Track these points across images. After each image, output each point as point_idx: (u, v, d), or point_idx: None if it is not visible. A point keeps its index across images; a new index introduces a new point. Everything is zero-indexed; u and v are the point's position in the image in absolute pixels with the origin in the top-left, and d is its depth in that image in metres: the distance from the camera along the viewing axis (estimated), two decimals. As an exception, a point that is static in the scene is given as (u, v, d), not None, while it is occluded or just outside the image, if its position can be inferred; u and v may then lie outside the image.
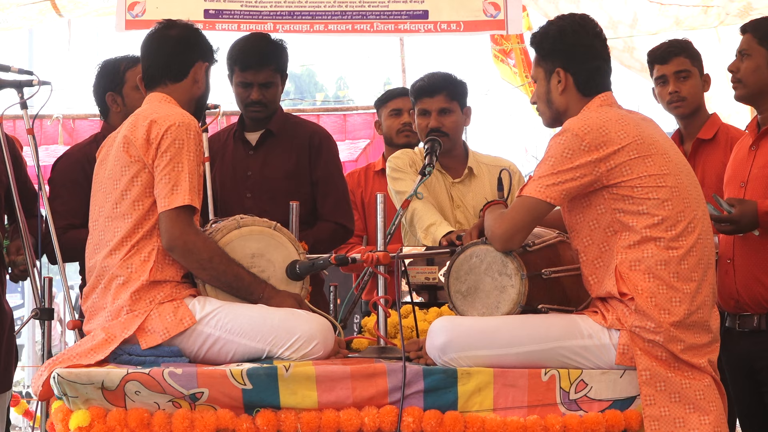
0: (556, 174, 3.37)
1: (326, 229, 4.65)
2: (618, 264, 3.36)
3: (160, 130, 3.56)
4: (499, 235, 3.42)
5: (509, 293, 3.45)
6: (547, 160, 3.42)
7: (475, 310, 3.51)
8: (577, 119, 3.46)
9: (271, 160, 4.70)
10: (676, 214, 3.38)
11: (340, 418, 3.31)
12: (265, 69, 4.63)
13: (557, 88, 3.57)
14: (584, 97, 3.56)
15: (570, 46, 3.56)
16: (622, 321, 3.35)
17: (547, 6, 7.45)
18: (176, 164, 3.54)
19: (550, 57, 3.58)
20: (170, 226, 3.51)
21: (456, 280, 3.55)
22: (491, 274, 3.49)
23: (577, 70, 3.55)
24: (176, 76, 3.77)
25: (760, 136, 4.14)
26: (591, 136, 3.38)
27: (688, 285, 3.35)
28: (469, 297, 3.53)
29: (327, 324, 3.61)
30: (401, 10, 6.68)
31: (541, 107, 3.65)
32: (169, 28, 3.84)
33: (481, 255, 3.51)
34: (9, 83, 4.18)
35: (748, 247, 4.03)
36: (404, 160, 4.82)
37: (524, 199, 3.41)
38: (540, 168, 3.43)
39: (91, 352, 3.44)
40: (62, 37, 8.09)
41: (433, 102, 4.74)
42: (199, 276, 3.59)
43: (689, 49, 4.71)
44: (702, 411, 3.32)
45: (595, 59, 3.59)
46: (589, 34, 3.60)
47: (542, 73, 3.61)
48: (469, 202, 4.79)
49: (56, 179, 4.60)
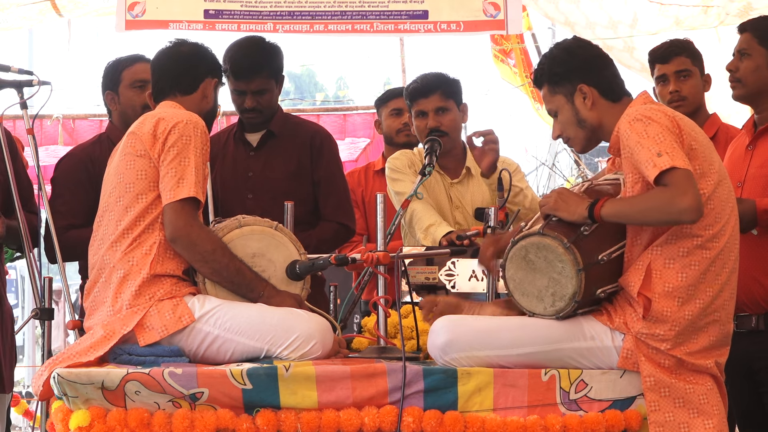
0: (675, 148, 3.25)
1: (329, 229, 4.65)
2: (652, 260, 3.33)
3: (167, 126, 3.59)
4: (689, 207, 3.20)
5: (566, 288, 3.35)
6: (648, 141, 3.26)
7: (535, 285, 3.39)
8: (637, 109, 3.37)
9: (273, 161, 4.70)
10: (715, 214, 3.36)
11: (340, 418, 3.31)
12: (257, 78, 4.62)
13: (585, 105, 3.51)
14: (614, 104, 3.51)
15: (584, 60, 3.54)
16: (629, 326, 3.34)
17: (547, 6, 7.45)
18: (183, 158, 3.56)
19: (567, 78, 3.52)
20: (174, 218, 3.53)
21: (523, 259, 3.41)
22: (549, 273, 3.37)
23: (599, 80, 3.52)
24: (186, 90, 3.83)
25: (757, 136, 4.14)
26: (666, 117, 3.33)
27: (712, 288, 3.34)
28: (531, 273, 3.40)
29: (326, 324, 3.61)
30: (401, 10, 6.67)
31: (572, 132, 3.56)
32: (180, 45, 3.90)
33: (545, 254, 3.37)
34: (9, 83, 4.18)
35: (746, 247, 4.02)
36: (403, 161, 4.82)
37: (679, 171, 3.21)
38: (648, 150, 3.26)
39: (91, 350, 3.45)
40: (62, 37, 8.09)
41: (429, 102, 4.73)
42: (201, 270, 3.60)
43: (690, 49, 4.71)
44: (706, 415, 3.32)
45: (608, 66, 3.58)
46: (592, 46, 3.61)
47: (562, 99, 3.54)
48: (468, 202, 4.79)
49: (59, 179, 4.61)
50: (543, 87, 3.59)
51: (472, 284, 4.19)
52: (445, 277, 4.18)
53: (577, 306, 3.35)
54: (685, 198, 3.20)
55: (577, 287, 3.32)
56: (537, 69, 3.62)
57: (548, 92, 3.58)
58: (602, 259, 3.36)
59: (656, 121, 3.32)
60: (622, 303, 3.39)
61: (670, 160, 3.22)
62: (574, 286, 3.33)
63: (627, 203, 3.34)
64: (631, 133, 3.33)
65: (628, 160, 3.37)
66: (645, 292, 3.33)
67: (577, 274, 3.31)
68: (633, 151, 3.32)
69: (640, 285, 3.33)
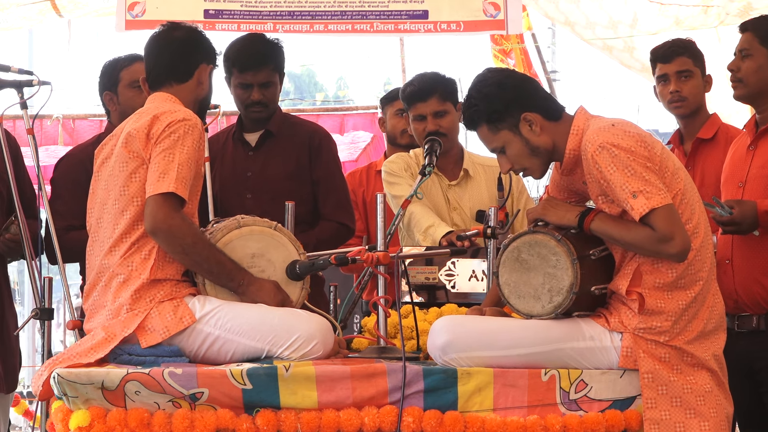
0: (648, 180, 3.28)
1: (329, 229, 4.65)
2: (640, 264, 3.36)
3: (161, 125, 3.57)
4: (678, 252, 3.28)
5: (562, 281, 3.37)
6: (620, 178, 3.28)
7: (530, 285, 3.42)
8: (600, 134, 3.34)
9: (271, 161, 4.70)
10: (689, 209, 3.39)
11: (340, 418, 3.31)
12: (264, 69, 4.64)
13: (533, 132, 3.45)
14: (559, 123, 3.47)
15: (517, 89, 3.47)
16: (625, 324, 3.36)
17: (547, 6, 7.45)
18: (168, 154, 3.53)
19: (507, 113, 3.44)
20: (155, 210, 3.49)
21: (516, 260, 3.44)
22: (544, 268, 3.40)
23: (537, 104, 3.46)
24: (181, 77, 3.79)
25: (758, 136, 4.14)
26: (633, 139, 3.32)
27: (700, 273, 3.37)
28: (524, 273, 3.43)
29: (326, 324, 3.61)
30: (401, 10, 6.67)
31: (527, 163, 3.49)
32: (173, 30, 3.85)
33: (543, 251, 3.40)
34: (9, 83, 4.18)
35: (747, 247, 4.03)
36: (399, 165, 4.81)
37: (659, 211, 3.26)
38: (621, 189, 3.28)
39: (91, 351, 3.45)
40: (62, 37, 8.10)
41: (427, 106, 4.73)
42: (182, 261, 3.57)
43: (692, 50, 4.70)
44: (702, 417, 3.33)
45: (537, 86, 3.56)
46: (513, 73, 3.57)
47: (508, 134, 3.46)
48: (466, 204, 4.78)
49: (58, 180, 4.60)
50: (481, 128, 3.50)
51: (472, 284, 4.20)
52: (445, 277, 4.18)
53: (576, 298, 3.35)
54: (673, 244, 3.28)
55: (573, 278, 3.34)
56: (469, 112, 3.49)
57: (489, 132, 3.48)
58: (593, 254, 3.39)
59: (623, 148, 3.30)
60: (617, 304, 3.42)
61: (646, 202, 3.26)
62: (571, 277, 3.35)
63: (616, 229, 3.36)
64: (600, 164, 3.31)
65: (597, 186, 3.38)
66: (635, 289, 3.35)
67: (573, 264, 3.34)
68: (605, 185, 3.33)
69: (629, 284, 3.36)
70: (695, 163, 4.58)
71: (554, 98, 3.57)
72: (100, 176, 3.73)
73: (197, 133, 3.60)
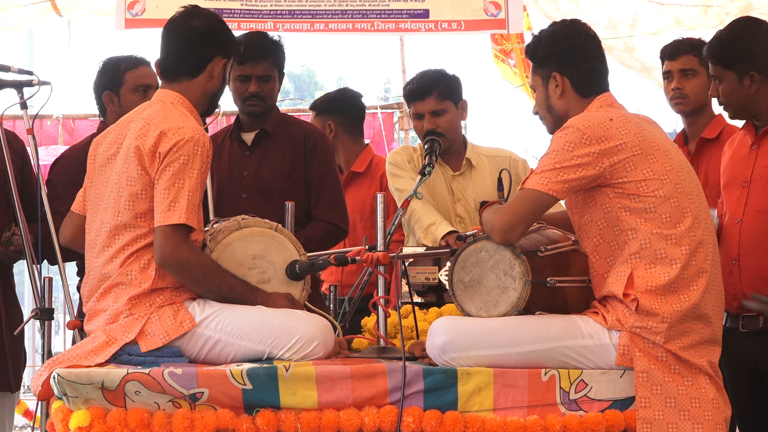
0: (559, 169, 3.39)
1: (319, 229, 4.64)
2: (633, 268, 3.38)
3: (169, 144, 3.49)
4: (498, 227, 3.41)
5: (510, 295, 3.45)
6: (549, 154, 3.44)
7: (473, 303, 3.50)
8: (578, 116, 3.50)
9: (267, 160, 4.70)
10: (681, 210, 3.41)
11: (340, 418, 3.31)
12: (263, 62, 4.65)
13: (555, 92, 3.60)
14: (583, 99, 3.59)
15: (563, 49, 3.60)
16: (623, 322, 3.37)
17: (548, 6, 7.45)
18: (177, 180, 3.48)
19: (545, 63, 3.62)
20: (164, 242, 3.46)
21: (461, 270, 3.54)
22: (497, 272, 3.48)
23: (573, 72, 3.59)
24: (192, 72, 3.69)
25: (762, 135, 4.12)
26: (592, 130, 3.41)
27: (701, 278, 3.38)
28: (470, 289, 3.52)
29: (327, 324, 3.61)
30: (402, 9, 6.67)
31: (542, 114, 3.68)
32: (191, 18, 3.73)
33: (491, 251, 3.50)
34: (9, 83, 4.18)
35: (753, 248, 4.02)
36: (403, 156, 4.82)
37: (526, 192, 3.42)
38: (542, 162, 3.45)
39: (92, 354, 3.44)
40: (62, 37, 8.08)
41: (425, 105, 4.73)
42: (193, 290, 3.56)
43: (699, 49, 4.69)
44: (695, 420, 3.33)
45: (589, 60, 3.61)
46: (581, 36, 3.63)
47: (540, 80, 3.64)
48: (470, 195, 4.78)
49: (55, 180, 4.60)
50: (531, 62, 3.70)
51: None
52: (445, 277, 4.18)
53: (531, 285, 3.40)
54: (500, 220, 3.41)
55: (524, 270, 3.41)
56: (528, 45, 3.71)
57: (532, 69, 3.69)
58: (541, 249, 3.47)
59: (575, 130, 3.41)
60: (614, 303, 3.42)
61: (537, 181, 3.39)
62: (519, 296, 3.42)
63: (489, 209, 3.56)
64: (553, 137, 3.49)
65: None
66: (629, 291, 3.37)
67: (525, 285, 3.41)
68: None
69: (626, 287, 3.37)
70: (699, 162, 4.59)
71: (600, 78, 3.63)
72: (104, 173, 3.66)
73: (205, 152, 3.53)
